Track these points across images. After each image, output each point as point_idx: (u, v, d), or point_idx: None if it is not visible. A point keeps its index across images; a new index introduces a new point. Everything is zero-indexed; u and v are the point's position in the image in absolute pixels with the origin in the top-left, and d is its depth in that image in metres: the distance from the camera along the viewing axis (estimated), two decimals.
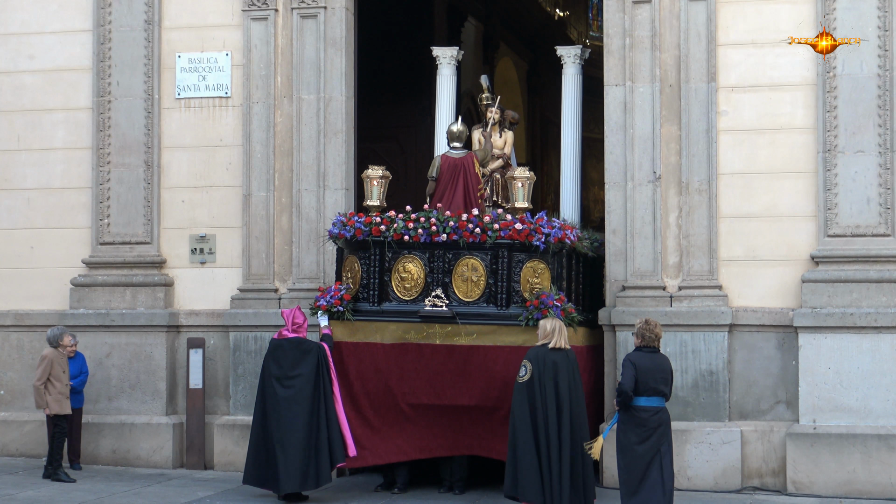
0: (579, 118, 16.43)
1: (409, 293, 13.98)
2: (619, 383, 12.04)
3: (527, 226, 13.68)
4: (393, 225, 13.90)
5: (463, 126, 15.08)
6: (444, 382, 13.69)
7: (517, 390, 12.56)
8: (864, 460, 14.09)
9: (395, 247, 13.93)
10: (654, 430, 11.94)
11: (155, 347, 15.92)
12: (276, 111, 15.86)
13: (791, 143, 14.69)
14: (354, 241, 14.06)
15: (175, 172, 16.14)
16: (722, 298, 14.62)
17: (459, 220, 13.81)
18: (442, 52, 16.62)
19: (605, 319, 14.92)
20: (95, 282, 16.14)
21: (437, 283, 13.87)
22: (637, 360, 11.98)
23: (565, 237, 13.89)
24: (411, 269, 13.96)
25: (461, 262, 13.84)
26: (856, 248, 14.39)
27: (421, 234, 13.82)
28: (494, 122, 15.93)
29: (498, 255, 13.75)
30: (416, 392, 13.81)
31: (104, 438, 15.85)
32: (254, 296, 15.66)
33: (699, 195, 14.76)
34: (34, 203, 16.45)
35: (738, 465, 14.40)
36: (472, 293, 13.84)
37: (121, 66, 16.16)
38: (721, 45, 14.84)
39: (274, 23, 15.87)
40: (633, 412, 11.94)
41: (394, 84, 19.14)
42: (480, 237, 13.70)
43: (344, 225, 14.09)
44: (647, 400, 11.93)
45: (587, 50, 16.80)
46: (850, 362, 14.24)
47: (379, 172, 14.51)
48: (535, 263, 13.80)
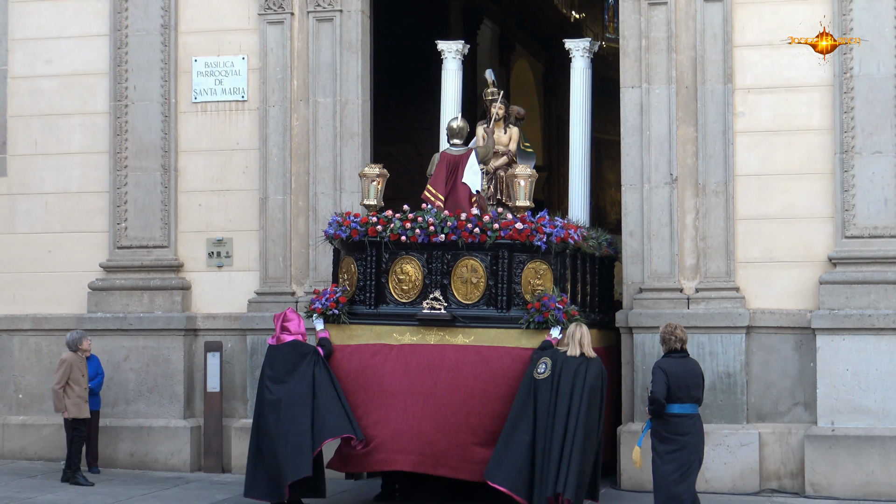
0: (589, 113, 15.98)
1: (407, 295, 13.49)
2: (650, 392, 11.87)
3: (528, 225, 13.19)
4: (390, 225, 13.40)
5: (463, 122, 14.59)
6: (440, 388, 13.02)
7: (536, 386, 12.44)
8: (882, 462, 14.04)
9: (392, 247, 13.45)
10: (689, 438, 11.84)
11: (172, 351, 15.95)
12: (293, 114, 15.88)
13: (808, 144, 14.64)
14: (351, 242, 13.61)
15: (192, 176, 16.18)
16: (739, 300, 14.59)
17: (458, 219, 13.32)
18: (447, 46, 16.18)
19: (622, 322, 14.90)
20: (113, 285, 16.18)
21: (435, 284, 13.39)
22: (667, 367, 11.83)
23: (568, 237, 13.43)
24: (409, 271, 13.49)
25: (460, 263, 13.37)
26: (874, 250, 14.35)
27: (419, 235, 13.32)
28: (499, 117, 15.24)
29: (498, 255, 13.27)
30: (412, 398, 13.06)
31: (122, 442, 15.88)
32: (271, 299, 15.68)
33: (716, 197, 14.72)
34: (52, 207, 16.50)
35: (756, 468, 14.37)
36: (471, 295, 13.37)
37: (137, 70, 16.20)
38: (737, 46, 14.81)
39: (290, 26, 15.89)
40: (667, 420, 11.80)
41: (409, 87, 19.16)
42: (480, 237, 13.21)
43: (340, 225, 13.64)
44: (680, 407, 11.81)
45: (597, 43, 16.37)
46: (869, 364, 14.19)
47: (376, 171, 14.04)
48: (537, 264, 13.33)
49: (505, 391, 12.87)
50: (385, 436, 12.99)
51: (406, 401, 13.03)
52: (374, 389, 13.16)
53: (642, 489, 14.28)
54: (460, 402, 12.91)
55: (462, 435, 12.90)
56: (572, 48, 16.13)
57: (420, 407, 12.96)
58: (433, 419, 12.91)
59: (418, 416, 12.96)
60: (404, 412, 13.00)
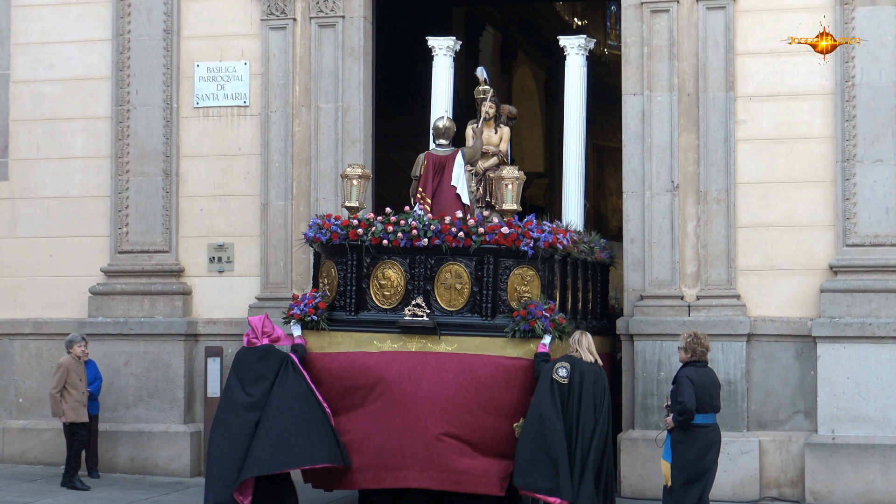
0: (584, 112, 15.55)
1: (389, 301, 13.02)
2: (680, 402, 11.68)
3: (514, 229, 12.69)
4: (371, 228, 12.94)
5: (450, 122, 14.16)
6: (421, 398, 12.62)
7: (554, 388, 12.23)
8: (882, 471, 14.03)
9: (373, 252, 13.01)
10: (710, 448, 11.84)
11: (173, 356, 15.95)
12: (295, 120, 15.89)
13: (809, 152, 14.65)
14: (331, 246, 13.13)
15: (193, 181, 16.19)
16: (740, 308, 14.59)
17: (442, 222, 12.85)
18: (438, 43, 15.60)
19: (622, 329, 14.90)
20: (114, 290, 16.18)
21: (418, 290, 12.90)
22: (693, 376, 11.76)
23: (557, 242, 12.87)
24: (391, 276, 13.02)
25: (444, 268, 12.89)
26: (875, 258, 14.35)
27: (401, 238, 12.83)
28: (489, 116, 14.72)
29: (483, 260, 12.80)
30: (393, 409, 12.68)
31: (122, 447, 15.88)
32: (272, 304, 15.64)
33: (717, 204, 14.73)
34: (53, 211, 16.51)
35: (756, 476, 14.36)
36: (455, 302, 12.90)
37: (139, 75, 16.22)
38: (739, 54, 14.82)
39: (292, 32, 15.91)
40: (691, 430, 11.75)
41: (411, 93, 19.16)
42: (464, 242, 12.72)
43: (320, 228, 13.16)
44: (703, 417, 11.77)
45: (592, 40, 15.89)
46: (869, 372, 14.18)
47: (358, 171, 13.62)
48: (524, 270, 12.84)
49: (488, 401, 12.54)
50: (368, 454, 12.67)
51: (387, 413, 12.69)
52: (355, 403, 12.85)
53: (643, 496, 14.30)
54: (442, 413, 12.57)
55: (443, 446, 12.57)
56: (567, 45, 15.58)
57: (401, 419, 12.63)
58: (414, 431, 12.57)
59: (399, 429, 12.63)
60: (386, 425, 12.67)
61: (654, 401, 14.56)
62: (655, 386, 14.58)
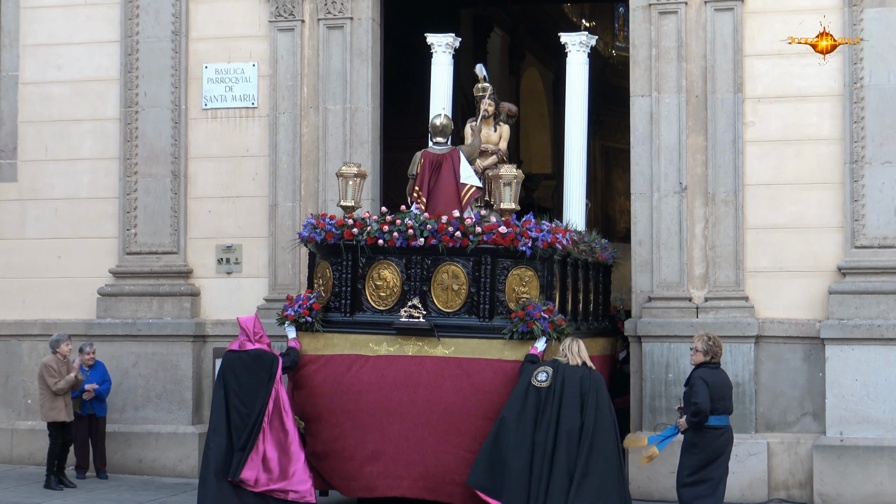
0: (586, 110, 15.28)
1: (384, 302, 12.88)
2: (694, 403, 11.71)
3: (512, 229, 12.51)
4: (366, 228, 12.79)
5: (447, 119, 14.03)
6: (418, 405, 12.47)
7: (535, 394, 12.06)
8: (891, 472, 14.00)
9: (369, 252, 12.87)
10: (723, 450, 11.85)
11: (181, 357, 15.97)
12: (303, 122, 15.90)
13: (818, 153, 14.63)
14: (326, 246, 12.97)
15: (202, 183, 16.21)
16: (748, 310, 14.57)
17: (438, 222, 12.67)
18: (437, 40, 15.38)
19: (630, 330, 14.89)
20: (122, 291, 16.20)
21: (414, 291, 12.74)
22: (708, 378, 11.76)
23: (556, 241, 12.66)
24: (386, 277, 12.85)
25: (441, 268, 12.75)
26: (883, 260, 14.32)
27: (397, 238, 12.68)
28: (488, 114, 14.50)
29: (481, 261, 12.62)
30: (390, 417, 12.50)
31: (130, 448, 15.90)
32: (280, 306, 15.65)
33: (725, 206, 14.72)
34: (62, 213, 16.54)
35: (764, 478, 14.34)
36: (452, 303, 12.75)
37: (148, 76, 16.24)
38: (747, 56, 14.81)
39: (300, 33, 15.92)
40: (704, 432, 11.75)
41: (419, 94, 19.15)
42: (461, 241, 12.55)
43: (314, 227, 13.01)
44: (717, 419, 11.79)
45: (594, 37, 15.63)
46: (878, 374, 14.16)
47: (353, 170, 13.51)
48: (522, 271, 12.67)
49: (487, 407, 12.34)
50: (361, 461, 12.55)
51: (383, 420, 12.53)
52: (349, 409, 12.65)
53: (650, 498, 14.28)
54: (439, 420, 12.42)
55: (441, 455, 12.43)
56: (568, 42, 15.25)
57: (396, 426, 12.49)
58: (410, 440, 12.43)
59: (395, 437, 12.47)
60: (381, 432, 12.52)
61: (662, 402, 14.55)
62: (664, 388, 14.57)
